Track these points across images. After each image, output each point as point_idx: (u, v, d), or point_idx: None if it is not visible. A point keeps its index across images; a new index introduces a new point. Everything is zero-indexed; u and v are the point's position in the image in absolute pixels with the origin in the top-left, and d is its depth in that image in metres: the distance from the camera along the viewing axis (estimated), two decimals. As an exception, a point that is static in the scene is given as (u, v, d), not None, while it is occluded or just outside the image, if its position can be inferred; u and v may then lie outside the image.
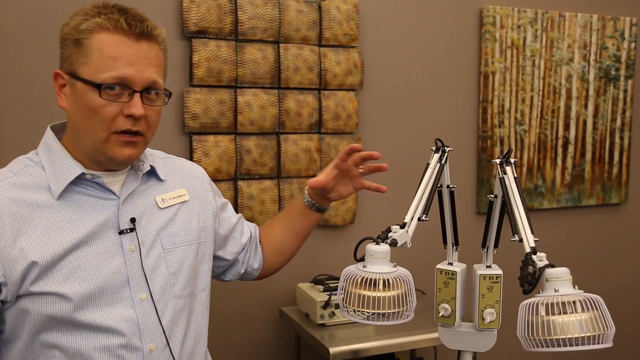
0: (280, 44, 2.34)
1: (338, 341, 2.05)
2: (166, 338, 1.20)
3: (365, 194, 2.49)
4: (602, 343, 1.01)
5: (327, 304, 2.13)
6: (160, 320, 1.19)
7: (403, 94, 2.60)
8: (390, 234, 1.16)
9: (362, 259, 1.13)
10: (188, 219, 1.30)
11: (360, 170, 1.45)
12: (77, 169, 1.15)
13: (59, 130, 1.23)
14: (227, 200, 1.50)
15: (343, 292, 1.12)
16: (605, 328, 1.01)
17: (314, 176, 2.42)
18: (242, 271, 1.49)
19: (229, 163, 2.29)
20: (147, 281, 1.19)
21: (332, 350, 1.99)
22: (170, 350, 1.20)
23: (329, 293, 2.18)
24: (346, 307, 1.11)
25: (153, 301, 1.19)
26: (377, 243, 1.13)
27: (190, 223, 1.30)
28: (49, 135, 1.21)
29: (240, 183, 2.32)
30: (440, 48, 2.65)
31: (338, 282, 1.15)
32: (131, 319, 1.16)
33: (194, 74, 2.21)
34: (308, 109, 2.39)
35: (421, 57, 2.62)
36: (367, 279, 1.09)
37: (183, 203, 1.31)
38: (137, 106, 1.12)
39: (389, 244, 1.13)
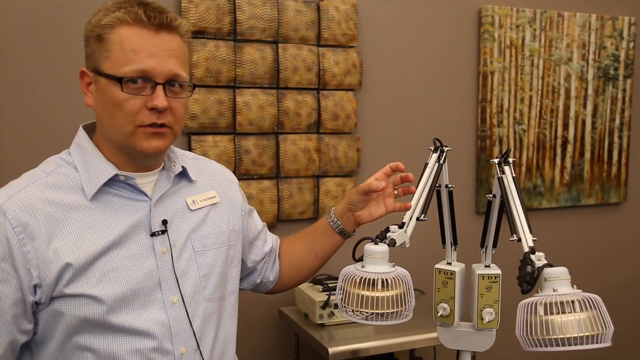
0: (279, 44, 2.34)
1: (337, 341, 2.05)
2: (197, 341, 1.19)
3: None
4: (600, 342, 1.01)
5: (326, 304, 2.13)
6: (191, 324, 1.18)
7: (402, 93, 2.60)
8: (388, 234, 1.16)
9: (361, 259, 1.13)
10: (218, 221, 1.29)
11: (396, 192, 1.40)
12: (110, 170, 1.14)
13: (90, 130, 1.21)
14: (253, 207, 1.47)
15: (342, 292, 1.12)
16: (604, 327, 1.01)
17: (313, 176, 2.43)
18: (258, 281, 1.46)
19: (228, 163, 2.28)
20: (178, 284, 1.17)
21: (331, 350, 1.99)
22: (201, 354, 1.19)
23: (328, 293, 2.18)
24: (345, 307, 1.11)
25: (184, 304, 1.18)
26: (376, 243, 1.13)
27: (221, 225, 1.29)
28: (81, 135, 1.19)
29: (239, 183, 2.31)
30: (439, 48, 2.65)
31: (337, 282, 1.15)
32: (163, 322, 1.15)
33: (193, 74, 2.21)
34: (307, 109, 2.39)
35: (420, 56, 2.62)
36: (365, 279, 1.09)
37: (213, 205, 1.29)
38: (159, 98, 1.10)
39: (387, 244, 1.13)
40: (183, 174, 1.26)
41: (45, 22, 2.07)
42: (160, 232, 1.17)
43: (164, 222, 1.18)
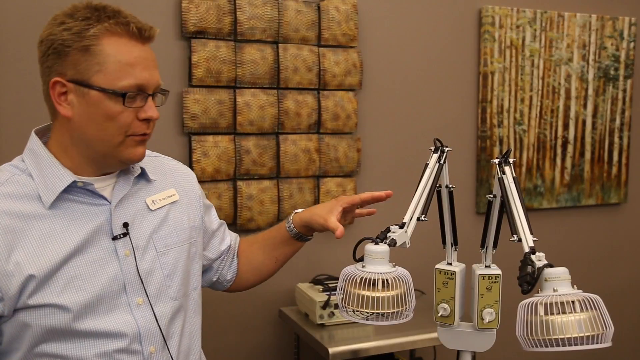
0: (279, 44, 2.34)
1: (337, 341, 2.05)
2: (164, 340, 1.20)
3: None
4: (600, 343, 1.01)
5: (326, 304, 2.13)
6: (158, 323, 1.19)
7: (402, 94, 2.60)
8: (389, 234, 1.16)
9: (361, 259, 1.13)
10: (179, 219, 1.30)
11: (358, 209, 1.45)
12: (68, 177, 1.13)
13: (42, 134, 1.21)
14: (211, 204, 1.48)
15: (342, 292, 1.12)
16: (604, 328, 1.01)
17: (313, 176, 2.43)
18: (214, 279, 1.48)
19: (228, 163, 2.29)
20: (143, 285, 1.18)
21: (331, 350, 1.99)
22: (169, 351, 1.21)
23: (328, 293, 2.18)
24: (345, 307, 1.11)
25: (150, 304, 1.19)
26: (376, 243, 1.13)
27: (182, 223, 1.30)
28: (34, 141, 1.18)
29: (240, 183, 2.32)
30: (440, 48, 2.66)
31: (337, 282, 1.15)
32: (130, 324, 1.16)
33: (193, 74, 2.21)
34: (307, 109, 2.39)
35: (420, 57, 2.62)
36: (366, 279, 1.09)
37: (173, 203, 1.30)
38: (153, 109, 1.14)
39: (387, 244, 1.13)
40: (141, 174, 1.27)
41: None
42: (122, 235, 1.17)
43: (125, 224, 1.18)
